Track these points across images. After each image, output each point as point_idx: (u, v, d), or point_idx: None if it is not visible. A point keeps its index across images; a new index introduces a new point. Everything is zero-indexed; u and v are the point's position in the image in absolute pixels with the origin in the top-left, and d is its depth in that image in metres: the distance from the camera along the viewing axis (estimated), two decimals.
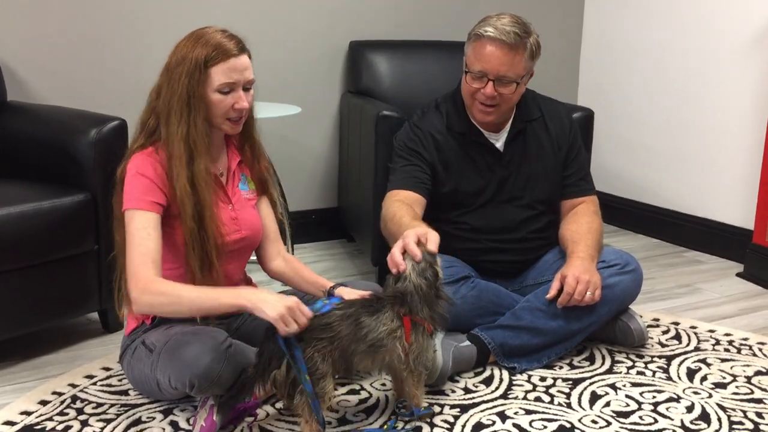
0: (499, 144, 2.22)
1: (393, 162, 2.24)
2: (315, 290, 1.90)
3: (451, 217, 2.19)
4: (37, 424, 1.79)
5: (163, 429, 1.77)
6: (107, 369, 2.07)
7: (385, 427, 1.78)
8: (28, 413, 1.84)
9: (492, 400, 1.93)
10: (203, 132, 1.73)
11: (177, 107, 1.71)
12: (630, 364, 2.15)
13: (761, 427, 1.82)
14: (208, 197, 1.73)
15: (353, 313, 1.66)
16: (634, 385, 2.03)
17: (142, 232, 1.68)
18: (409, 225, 1.88)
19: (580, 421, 1.84)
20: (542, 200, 2.24)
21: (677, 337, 2.35)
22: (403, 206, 2.06)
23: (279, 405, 1.88)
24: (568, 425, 1.82)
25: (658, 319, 2.48)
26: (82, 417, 1.82)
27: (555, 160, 2.25)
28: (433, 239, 1.74)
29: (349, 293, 1.78)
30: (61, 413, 1.84)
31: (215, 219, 1.75)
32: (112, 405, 1.88)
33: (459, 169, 2.20)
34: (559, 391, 1.98)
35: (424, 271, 1.71)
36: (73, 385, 1.98)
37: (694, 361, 2.18)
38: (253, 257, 1.99)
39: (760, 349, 2.27)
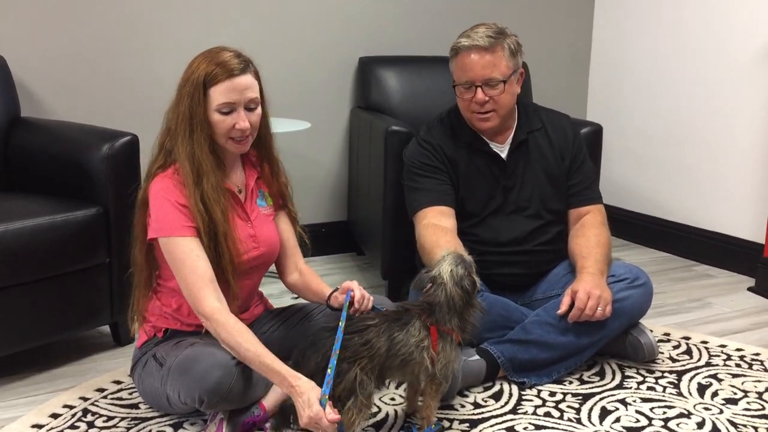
0: (504, 154, 2.24)
1: (411, 181, 2.25)
2: (319, 300, 1.91)
3: (461, 229, 2.20)
4: None
5: None
6: (118, 382, 2.08)
7: None
8: (39, 426, 1.85)
9: (501, 415, 1.93)
10: (207, 151, 1.73)
11: (182, 127, 1.72)
12: (640, 379, 2.14)
13: None
14: (219, 214, 1.73)
15: (386, 329, 1.68)
16: (644, 400, 2.02)
17: (191, 255, 1.69)
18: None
19: None
20: (550, 210, 2.25)
21: (688, 352, 2.34)
22: (436, 232, 2.09)
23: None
24: None
25: (668, 334, 2.47)
26: (93, 430, 1.83)
27: (559, 170, 2.26)
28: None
29: (337, 298, 1.82)
30: (72, 426, 1.85)
31: (231, 237, 1.74)
32: (122, 418, 1.89)
33: (467, 178, 2.22)
34: (568, 407, 1.98)
35: (462, 280, 1.71)
36: (84, 399, 1.99)
37: (705, 377, 2.17)
38: (272, 269, 2.00)
39: None
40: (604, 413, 1.95)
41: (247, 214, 1.85)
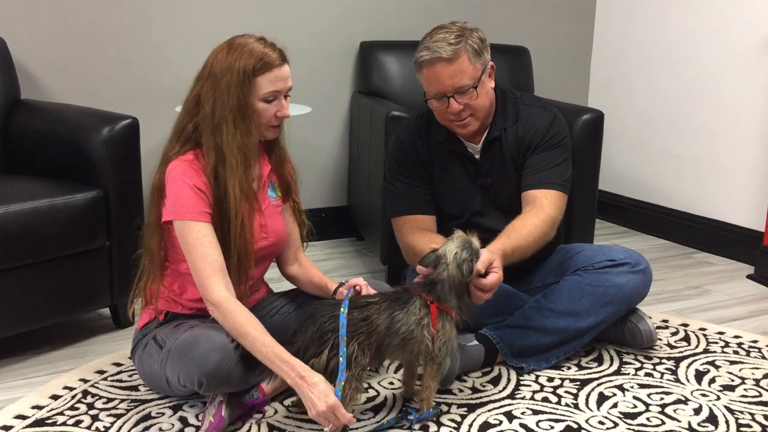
0: (478, 154, 2.17)
1: (390, 183, 2.21)
2: (322, 294, 1.92)
3: (449, 229, 2.16)
4: (48, 418, 1.81)
5: (173, 424, 1.79)
6: (118, 364, 2.09)
7: (385, 421, 1.79)
8: (39, 407, 1.86)
9: (499, 400, 1.93)
10: (256, 140, 1.76)
11: (230, 117, 1.71)
12: (638, 365, 2.15)
13: None
14: (252, 204, 1.77)
15: (387, 307, 1.70)
16: (641, 386, 2.03)
17: (203, 241, 1.69)
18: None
19: (587, 422, 1.84)
20: None
21: (686, 338, 2.34)
22: (425, 236, 2.05)
23: (287, 402, 1.89)
24: (575, 426, 1.82)
25: (667, 321, 2.48)
26: (93, 412, 1.84)
27: (523, 165, 2.16)
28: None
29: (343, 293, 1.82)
30: (72, 408, 1.86)
31: (248, 227, 1.76)
32: (122, 400, 1.90)
33: (442, 182, 2.17)
34: (566, 392, 1.99)
35: (462, 263, 1.73)
36: (84, 380, 2.00)
37: (703, 363, 2.17)
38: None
39: None
40: (602, 399, 1.96)
41: (259, 203, 1.85)
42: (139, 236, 1.83)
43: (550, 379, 2.05)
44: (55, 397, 1.91)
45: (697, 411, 1.90)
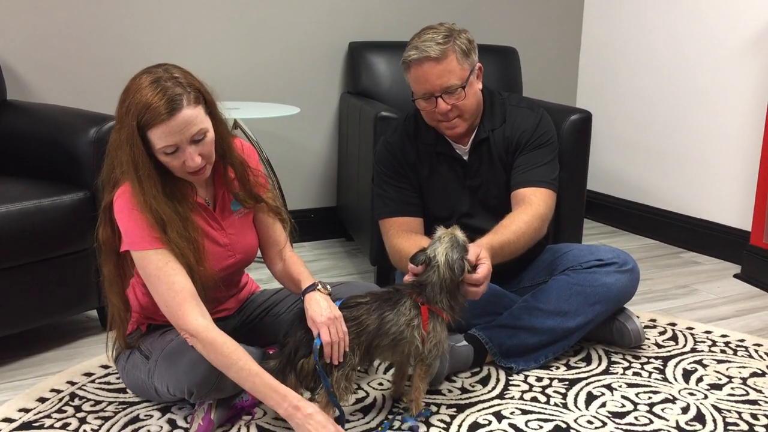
0: (466, 156, 2.17)
1: (378, 186, 2.20)
2: (298, 292, 1.82)
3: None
4: (36, 421, 1.80)
5: (161, 427, 1.78)
6: (106, 367, 2.08)
7: (380, 429, 1.79)
8: (26, 410, 1.85)
9: (488, 400, 1.94)
10: (162, 199, 1.61)
11: (129, 175, 1.59)
12: (626, 364, 2.16)
13: (756, 428, 1.83)
14: (192, 258, 1.64)
15: (377, 307, 1.70)
16: (630, 385, 2.04)
17: (165, 270, 1.60)
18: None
19: (575, 421, 1.85)
20: None
21: (674, 338, 2.36)
22: (410, 239, 2.04)
23: None
24: (563, 425, 1.82)
25: (654, 320, 2.49)
26: (80, 414, 1.83)
27: (511, 166, 2.16)
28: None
29: (311, 306, 1.70)
30: (60, 411, 1.85)
31: (206, 268, 1.66)
32: (110, 403, 1.89)
33: (430, 184, 2.17)
34: (555, 392, 1.99)
35: (454, 263, 1.72)
36: (72, 383, 1.99)
37: (690, 363, 2.19)
38: (261, 254, 1.96)
39: (756, 351, 2.27)
40: (590, 398, 1.96)
41: (219, 223, 1.77)
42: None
43: (539, 379, 2.06)
44: (42, 400, 1.90)
45: (685, 410, 1.91)
